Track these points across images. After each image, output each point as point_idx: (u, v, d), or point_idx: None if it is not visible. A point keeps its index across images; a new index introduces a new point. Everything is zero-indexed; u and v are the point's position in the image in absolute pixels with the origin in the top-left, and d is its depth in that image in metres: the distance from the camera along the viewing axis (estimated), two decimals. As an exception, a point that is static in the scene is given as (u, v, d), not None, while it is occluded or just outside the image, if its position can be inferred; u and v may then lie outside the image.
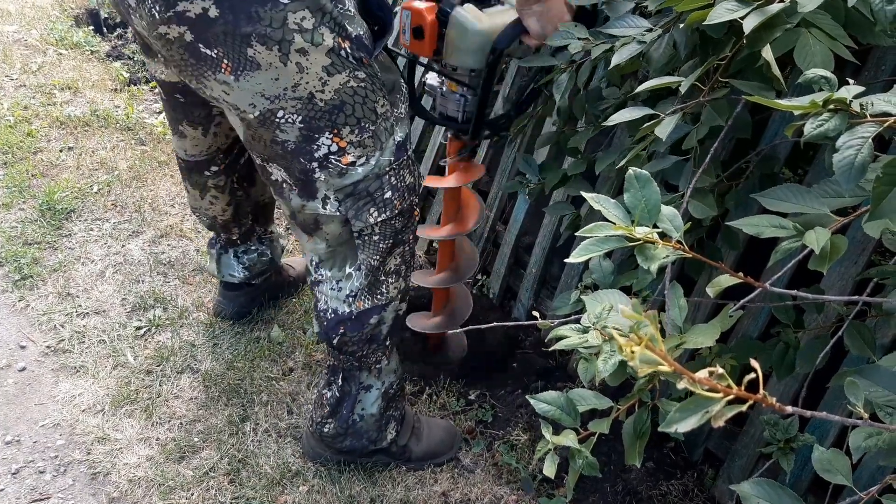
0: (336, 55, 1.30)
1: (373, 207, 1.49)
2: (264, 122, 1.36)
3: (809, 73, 0.80)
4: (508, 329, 2.22)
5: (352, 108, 1.37)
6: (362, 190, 1.46)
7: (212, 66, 1.29)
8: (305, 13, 1.24)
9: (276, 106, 1.33)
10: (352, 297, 1.60)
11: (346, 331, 1.63)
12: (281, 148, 1.40)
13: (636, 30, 1.30)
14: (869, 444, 0.84)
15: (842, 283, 1.51)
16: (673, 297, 1.03)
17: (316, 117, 1.36)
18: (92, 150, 2.98)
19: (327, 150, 1.40)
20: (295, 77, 1.30)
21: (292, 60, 1.27)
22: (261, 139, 1.42)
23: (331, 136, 1.38)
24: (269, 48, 1.25)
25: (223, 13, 1.21)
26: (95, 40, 3.83)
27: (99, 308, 2.29)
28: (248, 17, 1.21)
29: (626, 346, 0.48)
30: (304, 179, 1.44)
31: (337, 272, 1.59)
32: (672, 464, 1.90)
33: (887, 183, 0.74)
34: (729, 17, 0.97)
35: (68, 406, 1.99)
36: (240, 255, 2.20)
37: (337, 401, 1.77)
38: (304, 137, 1.38)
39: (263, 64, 1.27)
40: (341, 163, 1.42)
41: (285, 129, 1.37)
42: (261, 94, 1.32)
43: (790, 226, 0.92)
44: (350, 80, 1.34)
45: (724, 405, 0.52)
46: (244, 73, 1.28)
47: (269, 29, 1.23)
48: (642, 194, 0.79)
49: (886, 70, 1.43)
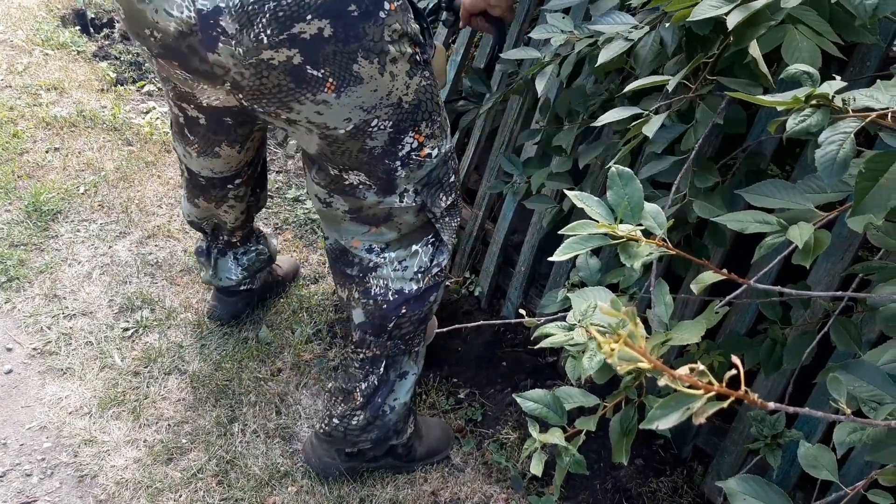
0: (413, 60, 1.38)
1: (441, 192, 1.58)
2: (356, 133, 1.41)
3: (791, 69, 0.80)
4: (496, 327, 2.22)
5: (426, 105, 1.46)
6: (435, 178, 1.55)
7: (314, 88, 1.31)
8: (396, 25, 1.30)
9: (371, 116, 1.39)
10: (421, 274, 1.64)
11: (407, 311, 1.66)
12: (367, 155, 1.45)
13: (622, 26, 1.30)
14: (853, 439, 0.84)
15: (828, 279, 1.52)
16: (659, 295, 1.03)
17: (403, 119, 1.43)
18: (78, 151, 2.96)
19: (409, 148, 1.48)
20: (389, 85, 1.36)
21: (387, 70, 1.33)
22: (346, 151, 1.45)
23: (413, 133, 1.46)
24: (371, 61, 1.30)
25: (336, 32, 1.24)
26: (82, 40, 3.81)
27: (86, 309, 2.28)
28: (356, 33, 1.26)
29: (605, 344, 0.48)
30: (386, 178, 1.50)
31: (402, 252, 1.62)
32: (661, 461, 1.91)
33: (870, 178, 0.74)
34: (713, 13, 0.97)
35: (55, 408, 1.98)
36: (239, 256, 2.18)
37: (374, 390, 1.75)
38: (392, 140, 1.45)
39: (366, 77, 1.32)
40: (420, 156, 1.50)
41: (375, 137, 1.42)
42: (359, 108, 1.36)
43: (774, 221, 0.92)
44: (422, 80, 1.42)
45: (706, 402, 0.52)
46: (346, 89, 1.32)
47: (371, 43, 1.28)
48: (625, 192, 0.79)
49: (872, 66, 1.43)
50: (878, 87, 0.78)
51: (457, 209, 1.64)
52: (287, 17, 1.20)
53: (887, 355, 0.83)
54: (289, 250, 2.62)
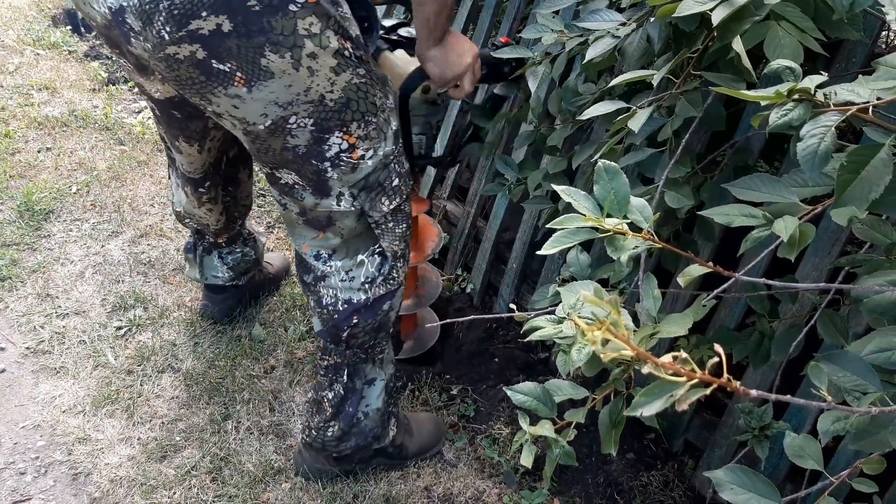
0: (341, 55, 1.34)
1: (384, 196, 1.53)
2: (275, 130, 1.39)
3: (774, 64, 0.81)
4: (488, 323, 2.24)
5: (357, 104, 1.41)
6: (373, 182, 1.51)
7: (223, 81, 1.31)
8: (313, 18, 1.27)
9: (288, 112, 1.36)
10: (368, 284, 1.62)
11: (359, 320, 1.64)
12: (292, 153, 1.43)
13: (610, 24, 1.31)
14: (837, 428, 0.85)
15: (816, 273, 1.53)
16: (647, 289, 1.04)
17: (326, 118, 1.39)
18: (70, 151, 2.96)
19: (338, 149, 1.44)
20: (307, 81, 1.33)
21: (304, 65, 1.30)
22: (269, 149, 1.44)
23: (340, 134, 1.42)
24: (282, 55, 1.28)
25: (236, 27, 1.23)
26: (73, 40, 3.80)
27: (79, 308, 2.28)
28: (260, 27, 1.24)
29: (589, 331, 0.49)
30: (317, 179, 1.47)
31: (348, 262, 1.60)
32: (652, 455, 1.92)
33: (851, 171, 0.75)
34: (698, 9, 0.98)
35: (49, 407, 1.98)
36: (224, 255, 2.19)
37: (341, 399, 1.75)
38: (316, 139, 1.41)
39: (277, 72, 1.30)
40: (353, 158, 1.46)
41: (296, 135, 1.40)
42: (274, 103, 1.34)
43: (760, 215, 0.93)
44: (353, 78, 1.38)
45: (689, 389, 0.53)
46: (258, 83, 1.30)
47: (280, 37, 1.25)
48: (611, 186, 0.80)
49: (857, 62, 1.44)
50: (859, 81, 0.80)
51: (403, 214, 1.59)
52: (182, 15, 1.21)
53: (871, 345, 0.84)
54: (281, 248, 2.62)
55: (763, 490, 0.87)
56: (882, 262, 1.03)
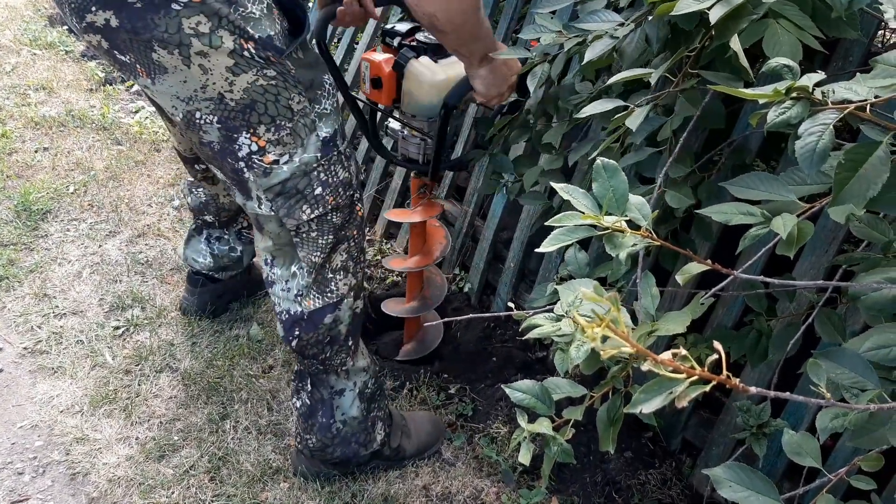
0: (239, 56, 1.32)
1: (304, 204, 1.49)
2: (188, 124, 1.40)
3: (772, 62, 0.81)
4: (486, 323, 2.24)
5: (264, 107, 1.38)
6: (291, 188, 1.47)
7: (132, 71, 1.36)
8: (200, 18, 1.26)
9: (192, 107, 1.37)
10: (300, 297, 1.59)
11: (300, 332, 1.61)
12: (209, 149, 1.44)
13: (608, 24, 1.31)
14: (835, 425, 0.85)
15: (813, 271, 1.54)
16: (645, 287, 1.04)
17: (230, 117, 1.38)
18: (68, 151, 2.96)
19: (249, 150, 1.42)
20: (201, 78, 1.32)
21: (194, 63, 1.30)
22: (191, 141, 1.46)
23: (248, 135, 1.40)
24: (171, 52, 1.29)
25: (122, 22, 1.26)
26: (70, 40, 3.80)
27: (76, 308, 2.28)
28: (144, 24, 1.26)
29: (589, 328, 0.49)
30: (237, 179, 1.47)
31: (285, 271, 1.58)
32: (650, 453, 1.92)
33: (849, 169, 0.75)
34: (696, 7, 0.98)
35: (46, 407, 1.98)
36: (211, 241, 2.19)
37: (309, 409, 1.74)
38: (225, 138, 1.40)
39: (169, 67, 1.31)
40: (264, 162, 1.43)
41: (207, 131, 1.40)
42: (176, 97, 1.36)
43: (758, 213, 0.93)
44: (259, 79, 1.35)
45: (688, 386, 0.53)
46: (157, 76, 1.33)
47: (166, 34, 1.27)
48: (610, 184, 0.80)
49: (854, 61, 1.45)
50: (857, 79, 0.80)
51: (329, 225, 1.53)
52: (78, 8, 1.28)
53: (868, 342, 0.84)
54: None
55: (761, 487, 0.87)
56: (879, 259, 1.03)
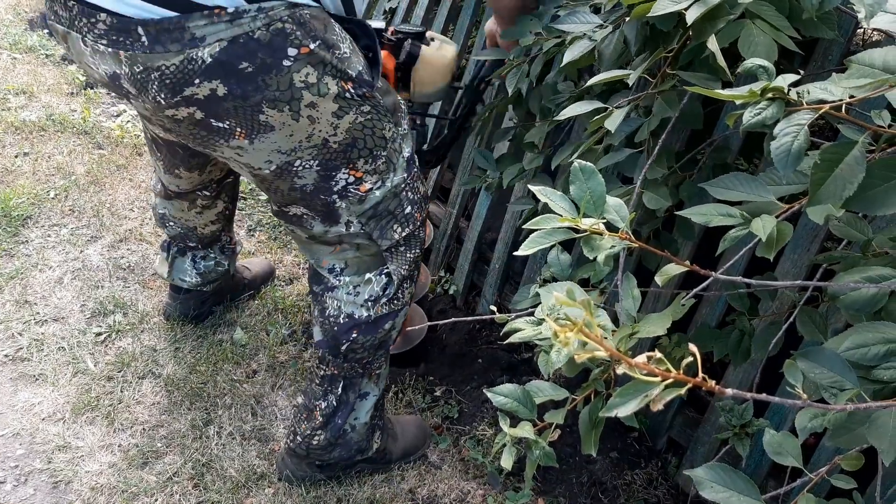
0: (342, 99, 1.33)
1: (395, 224, 1.54)
2: (281, 174, 1.40)
3: (748, 63, 0.81)
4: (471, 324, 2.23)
5: (363, 142, 1.40)
6: (383, 210, 1.51)
7: (225, 136, 1.31)
8: (308, 69, 1.25)
9: (292, 158, 1.36)
10: (371, 302, 1.61)
11: (359, 335, 1.63)
12: (300, 192, 1.44)
13: (587, 26, 1.32)
14: (814, 425, 0.85)
15: (795, 270, 1.54)
16: (626, 288, 1.04)
17: (331, 158, 1.39)
18: (48, 155, 2.94)
19: (345, 183, 1.44)
20: (308, 129, 1.33)
21: (303, 115, 1.30)
22: (278, 189, 1.45)
23: (347, 170, 1.42)
24: (280, 110, 1.27)
25: (231, 89, 1.22)
26: (50, 44, 3.77)
27: (58, 315, 2.25)
28: (255, 86, 1.23)
29: (562, 333, 0.49)
30: (326, 210, 1.48)
31: (356, 278, 1.60)
32: (636, 453, 1.92)
33: (825, 169, 0.75)
34: (672, 8, 0.98)
35: (28, 415, 1.96)
36: (197, 260, 2.17)
37: (333, 410, 1.75)
38: (322, 177, 1.42)
39: (276, 125, 1.29)
40: (360, 191, 1.46)
41: (303, 176, 1.40)
42: (277, 151, 1.35)
43: (738, 214, 0.93)
44: (358, 117, 1.37)
45: (663, 389, 0.53)
46: (259, 136, 1.31)
47: (277, 93, 1.25)
48: (587, 186, 0.80)
49: (833, 60, 1.45)
50: (832, 79, 0.80)
51: (416, 240, 1.60)
52: (175, 84, 1.21)
53: (847, 342, 0.84)
54: (263, 252, 2.61)
55: (743, 487, 0.87)
56: (859, 258, 1.04)
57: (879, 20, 0.77)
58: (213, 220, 2.07)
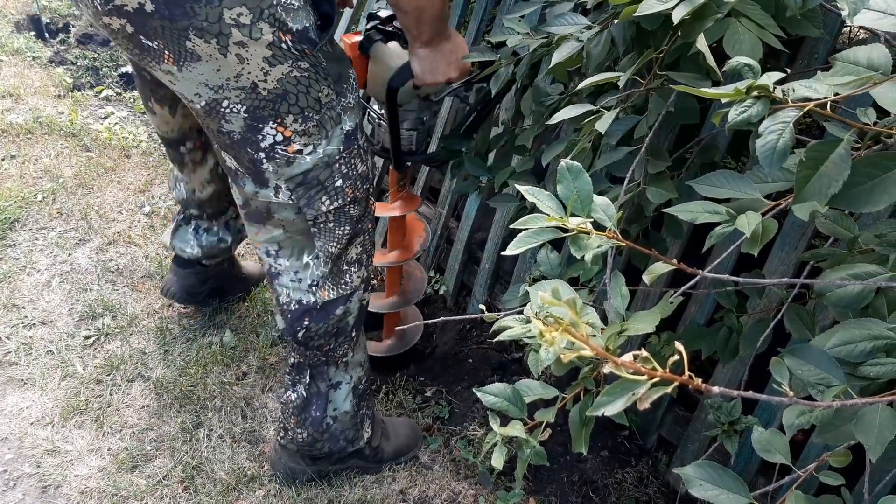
0: (277, 47, 1.31)
1: (324, 196, 1.50)
2: (210, 111, 1.38)
3: (734, 62, 0.81)
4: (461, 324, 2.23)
5: (295, 97, 1.38)
6: (312, 179, 1.47)
7: (155, 57, 1.32)
8: (242, 10, 1.25)
9: (220, 96, 1.35)
10: (314, 287, 1.60)
11: (310, 322, 1.62)
12: (228, 138, 1.42)
13: (575, 27, 1.32)
14: (801, 422, 0.86)
15: (783, 267, 1.55)
16: (615, 286, 1.04)
17: (260, 106, 1.37)
18: (35, 158, 2.92)
19: (273, 140, 1.41)
20: (236, 68, 1.31)
21: (232, 52, 1.29)
22: (209, 128, 1.44)
23: (275, 125, 1.40)
24: (208, 41, 1.27)
25: (159, 8, 1.23)
26: (37, 46, 3.75)
27: (46, 318, 2.24)
28: (183, 11, 1.23)
29: (547, 332, 0.49)
30: (253, 169, 1.45)
31: (295, 262, 1.58)
32: (627, 452, 1.93)
33: (810, 167, 0.75)
34: (659, 7, 0.98)
35: (16, 419, 1.95)
36: (200, 231, 2.16)
37: (304, 402, 1.74)
38: (249, 127, 1.39)
39: (203, 56, 1.29)
40: (288, 152, 1.43)
41: (230, 119, 1.38)
42: (204, 84, 1.34)
43: (724, 211, 0.94)
44: (293, 70, 1.35)
45: (649, 388, 0.53)
46: (186, 63, 1.30)
47: (205, 23, 1.25)
48: (574, 185, 0.80)
49: (819, 59, 1.46)
50: (817, 77, 0.80)
51: (346, 217, 1.55)
52: None
53: (834, 339, 0.84)
54: (253, 251, 2.60)
55: (732, 485, 0.87)
56: (845, 255, 1.04)
57: (863, 17, 0.77)
58: (207, 179, 2.04)
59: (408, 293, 2.12)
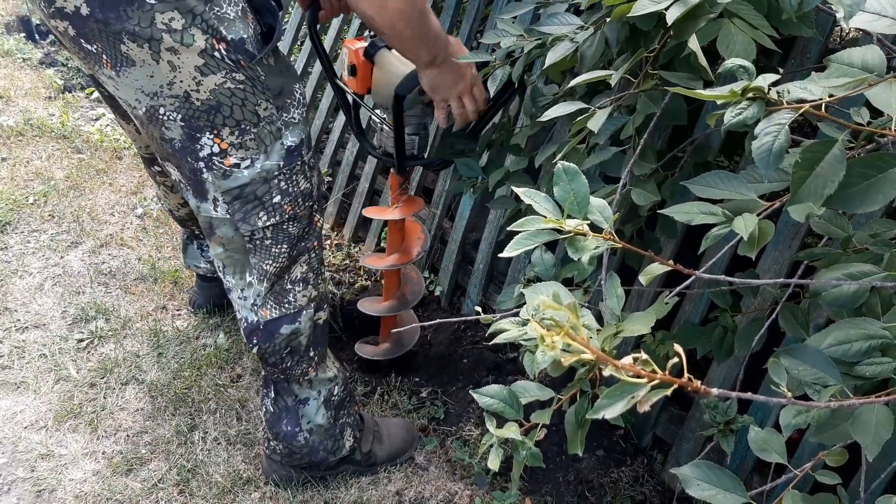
0: (209, 56, 1.30)
1: (261, 211, 1.48)
2: (150, 118, 1.38)
3: (728, 63, 0.81)
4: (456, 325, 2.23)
5: (230, 110, 1.37)
6: (249, 193, 1.45)
7: (97, 61, 1.33)
8: (174, 14, 1.25)
9: (156, 103, 1.35)
10: (255, 306, 1.58)
11: (258, 341, 1.61)
12: (170, 146, 1.42)
13: (568, 27, 1.32)
14: (798, 421, 0.86)
15: (777, 267, 1.55)
16: (610, 287, 1.04)
17: (195, 116, 1.36)
18: (27, 160, 2.90)
19: (210, 151, 1.40)
20: (168, 75, 1.31)
21: (164, 59, 1.29)
22: (153, 137, 1.43)
23: (211, 136, 1.39)
24: (140, 45, 1.27)
25: (93, 11, 1.24)
26: (27, 48, 3.73)
27: (38, 322, 2.23)
28: (116, 15, 1.24)
29: (548, 336, 0.49)
30: (195, 179, 1.45)
31: (239, 280, 1.57)
32: (622, 451, 1.93)
33: (806, 168, 0.75)
34: (653, 8, 0.99)
35: (10, 423, 1.94)
36: (203, 247, 2.18)
37: (274, 416, 1.74)
38: (187, 136, 1.39)
39: (137, 60, 1.29)
40: (224, 164, 1.42)
41: (169, 127, 1.38)
42: (141, 91, 1.34)
43: (720, 212, 0.94)
44: (227, 82, 1.34)
45: (649, 390, 0.53)
46: (122, 68, 1.31)
47: (137, 27, 1.25)
48: (571, 187, 0.80)
49: (812, 58, 1.47)
50: (811, 79, 0.80)
51: (284, 235, 1.52)
52: None
53: (829, 339, 0.85)
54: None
55: (728, 484, 0.87)
56: (839, 254, 1.05)
57: (858, 20, 0.77)
58: (182, 201, 2.03)
59: (406, 296, 2.12)
